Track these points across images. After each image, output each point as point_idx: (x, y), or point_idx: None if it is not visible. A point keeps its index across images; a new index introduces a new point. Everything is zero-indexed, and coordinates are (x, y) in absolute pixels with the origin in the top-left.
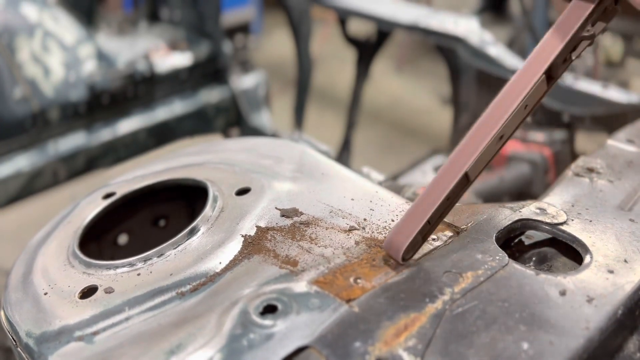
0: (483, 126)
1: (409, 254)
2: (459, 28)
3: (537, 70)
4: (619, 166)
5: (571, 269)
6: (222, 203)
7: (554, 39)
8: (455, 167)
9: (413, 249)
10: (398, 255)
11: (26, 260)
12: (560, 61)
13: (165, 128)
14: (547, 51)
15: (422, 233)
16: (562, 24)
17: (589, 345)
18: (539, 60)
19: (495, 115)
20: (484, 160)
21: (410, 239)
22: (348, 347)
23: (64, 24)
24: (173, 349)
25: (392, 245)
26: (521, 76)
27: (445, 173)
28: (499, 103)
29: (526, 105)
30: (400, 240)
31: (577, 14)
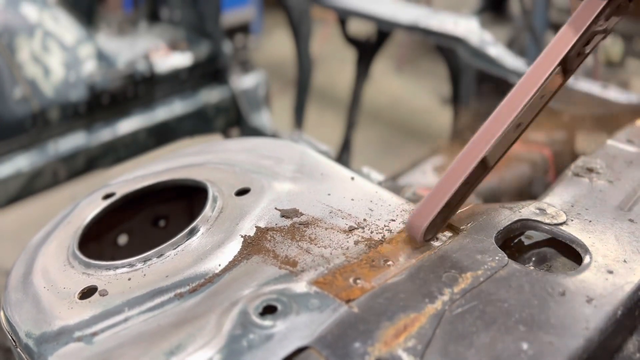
0: (501, 113)
1: (429, 235)
2: (459, 28)
3: (552, 61)
4: (618, 166)
5: (571, 269)
6: (222, 203)
7: (568, 32)
8: (473, 152)
9: (433, 230)
10: (418, 235)
11: (26, 260)
12: (575, 54)
13: (165, 128)
14: (562, 44)
15: (442, 215)
16: (577, 18)
17: (589, 346)
18: (554, 52)
19: (513, 103)
20: (502, 147)
21: (430, 219)
22: (348, 348)
23: (64, 24)
24: (173, 350)
25: (413, 226)
26: (537, 67)
27: (464, 158)
28: (516, 92)
29: (542, 96)
30: (421, 220)
31: (591, 9)
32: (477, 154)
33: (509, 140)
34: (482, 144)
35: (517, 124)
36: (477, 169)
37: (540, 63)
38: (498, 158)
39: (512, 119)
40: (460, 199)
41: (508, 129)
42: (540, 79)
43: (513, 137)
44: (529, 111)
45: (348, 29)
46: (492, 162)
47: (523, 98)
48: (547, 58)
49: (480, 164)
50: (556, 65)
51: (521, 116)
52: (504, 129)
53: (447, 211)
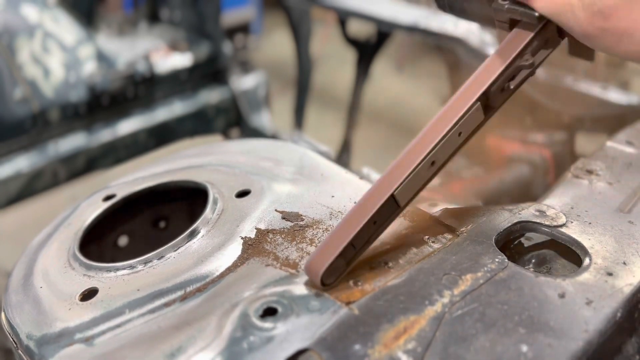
0: (414, 149)
1: (329, 279)
2: (459, 29)
3: (470, 97)
4: (618, 168)
5: (570, 271)
6: (222, 205)
7: (492, 66)
8: (381, 189)
9: (334, 273)
10: (317, 279)
11: (27, 262)
12: (498, 90)
13: (166, 129)
14: (484, 78)
15: (346, 258)
16: (502, 51)
17: (588, 348)
18: (474, 87)
19: (426, 139)
20: (414, 185)
21: (329, 262)
22: (348, 350)
23: (64, 24)
24: (173, 352)
25: (311, 269)
26: (455, 102)
27: (371, 195)
28: (431, 127)
29: (460, 132)
30: (319, 264)
31: (516, 43)
32: (386, 192)
33: (423, 178)
34: (391, 181)
35: (431, 161)
36: (386, 206)
37: (458, 98)
38: (411, 197)
39: (424, 156)
40: (368, 239)
41: (420, 166)
42: (456, 116)
43: (427, 175)
44: (444, 148)
45: (348, 29)
46: (403, 201)
47: (437, 134)
48: (466, 92)
49: (389, 201)
50: (475, 100)
51: (435, 153)
52: (415, 166)
53: (352, 253)
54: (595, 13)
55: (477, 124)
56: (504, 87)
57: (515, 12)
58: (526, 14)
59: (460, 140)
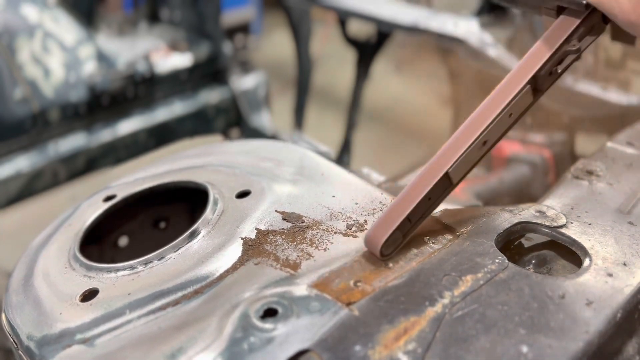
0: (466, 130)
1: (388, 250)
2: (459, 29)
3: (521, 79)
4: (618, 169)
5: (570, 271)
6: (223, 206)
7: (540, 51)
8: (436, 166)
9: (392, 245)
10: (376, 250)
11: (27, 262)
12: (546, 73)
13: (166, 129)
14: (533, 62)
15: (403, 231)
16: (549, 37)
17: (588, 349)
18: (524, 71)
19: (479, 120)
20: (467, 164)
21: (388, 234)
22: (348, 351)
23: (64, 24)
24: (174, 352)
25: (371, 240)
26: (506, 84)
27: (427, 172)
28: (483, 109)
29: (510, 114)
30: (379, 235)
31: (564, 29)
32: (440, 169)
33: (475, 157)
34: (445, 159)
35: (483, 141)
36: (440, 184)
37: (509, 80)
38: (463, 175)
39: (477, 136)
40: (423, 214)
41: (473, 145)
42: (508, 97)
43: (479, 154)
44: (495, 129)
45: (348, 29)
46: (456, 179)
47: (490, 115)
48: (516, 76)
49: (444, 179)
50: (525, 83)
51: (487, 133)
52: (469, 146)
53: (408, 226)
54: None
55: (527, 105)
56: (552, 71)
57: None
58: (574, 2)
59: (510, 121)
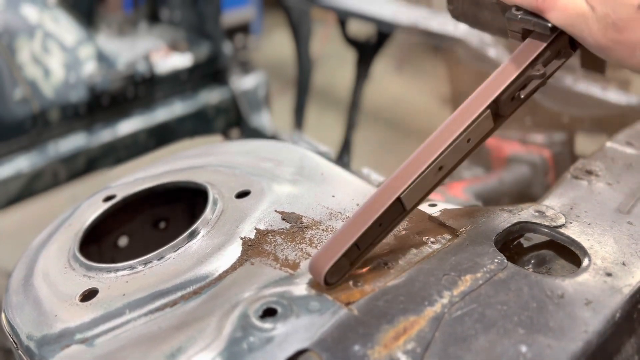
0: (421, 154)
1: (332, 278)
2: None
3: (480, 104)
4: (617, 169)
5: (569, 271)
6: (222, 206)
7: (503, 75)
8: (388, 191)
9: (338, 273)
10: (320, 278)
11: (27, 262)
12: (508, 98)
13: (166, 129)
14: (494, 86)
15: (350, 258)
16: (513, 61)
17: (587, 349)
18: (485, 94)
19: (435, 144)
20: (421, 189)
21: (333, 261)
22: (347, 351)
23: (64, 24)
24: (174, 352)
25: (315, 267)
26: (465, 108)
27: (378, 197)
28: (440, 133)
29: (469, 139)
30: (323, 262)
31: (529, 53)
32: (392, 194)
33: (430, 183)
34: (398, 184)
35: (439, 166)
36: (392, 209)
37: (469, 105)
38: (418, 201)
39: (432, 161)
40: (373, 240)
41: (428, 170)
42: (466, 122)
43: (434, 180)
44: (452, 154)
45: (348, 30)
46: (409, 205)
47: (446, 140)
48: (477, 99)
49: (395, 204)
50: (485, 107)
51: (443, 158)
52: (423, 171)
53: (356, 253)
54: (609, 25)
55: (487, 131)
56: (515, 96)
57: (528, 22)
58: (539, 24)
59: (469, 146)
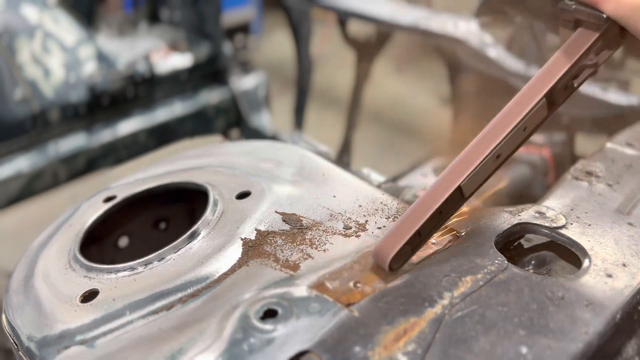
0: (480, 143)
1: (396, 264)
2: (459, 30)
3: (537, 93)
4: (618, 170)
5: (570, 272)
6: (223, 207)
7: (557, 64)
8: (448, 180)
9: (401, 259)
10: (385, 264)
11: (27, 263)
12: (562, 87)
13: (166, 129)
14: (549, 76)
15: (412, 244)
16: (567, 50)
17: (588, 350)
18: (540, 84)
19: (493, 133)
20: (480, 177)
21: (398, 248)
22: (348, 352)
23: (64, 25)
24: (174, 353)
25: (380, 254)
26: (521, 98)
27: (439, 185)
28: (497, 122)
29: (525, 127)
30: (388, 249)
31: (582, 42)
32: (453, 183)
33: (488, 171)
34: (458, 173)
35: (497, 154)
36: (452, 198)
37: (525, 94)
38: (475, 188)
39: (491, 150)
40: (433, 228)
41: (487, 159)
42: (523, 111)
43: (492, 167)
44: (509, 142)
45: (348, 30)
46: (468, 192)
47: (504, 129)
48: (532, 89)
49: (456, 192)
50: (541, 97)
51: (501, 147)
52: (482, 159)
53: (418, 240)
54: None
55: (541, 119)
56: (568, 85)
57: (582, 12)
58: (594, 15)
59: (525, 134)
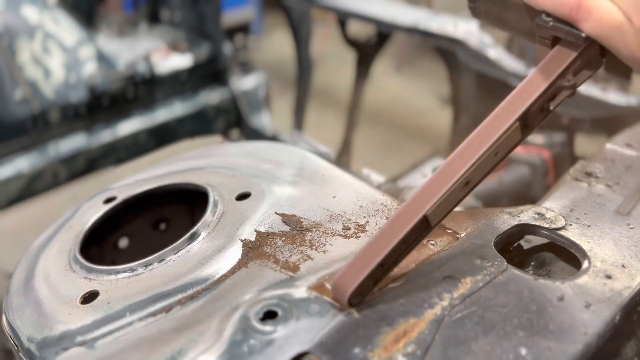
0: (447, 169)
1: (356, 299)
2: (459, 30)
3: (509, 117)
4: (617, 170)
5: (569, 273)
6: (223, 208)
7: (532, 85)
8: (413, 208)
9: (362, 293)
10: (344, 298)
11: (28, 264)
12: (537, 110)
13: (166, 129)
14: (523, 98)
15: (374, 277)
16: (542, 70)
17: (587, 351)
18: (513, 107)
19: (462, 159)
20: (447, 205)
21: (358, 282)
22: (348, 353)
23: (65, 25)
24: (174, 355)
25: (338, 287)
26: (493, 121)
27: (402, 214)
28: (466, 147)
29: (496, 153)
30: (347, 282)
31: (559, 62)
32: (418, 211)
33: (456, 199)
34: (424, 201)
35: (466, 182)
36: (417, 227)
37: (497, 116)
38: (442, 216)
39: (459, 177)
40: (397, 258)
41: (454, 186)
42: (495, 135)
43: (460, 195)
44: (479, 168)
45: (348, 30)
46: (434, 221)
47: (474, 154)
48: (505, 112)
49: (421, 222)
50: (514, 120)
51: (470, 173)
52: (450, 187)
53: (380, 272)
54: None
55: (515, 143)
56: (544, 107)
57: (560, 30)
58: (572, 33)
59: (496, 160)
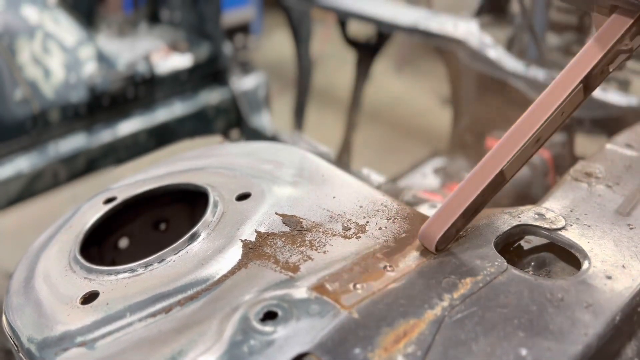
0: (521, 128)
1: (442, 245)
2: (459, 30)
3: (574, 79)
4: (617, 171)
5: (570, 274)
6: (223, 208)
7: (592, 50)
8: (491, 164)
9: (446, 240)
10: (431, 245)
11: (28, 264)
12: (598, 72)
13: (166, 129)
14: (585, 62)
15: (456, 226)
16: (602, 36)
17: (587, 351)
18: (577, 70)
19: (533, 118)
20: (521, 161)
21: (444, 230)
22: (348, 354)
23: (65, 25)
24: (174, 355)
25: (426, 235)
26: (559, 84)
27: (481, 170)
28: (536, 107)
29: (563, 112)
30: (434, 231)
31: (617, 28)
32: (496, 167)
33: (528, 154)
34: (501, 157)
35: (537, 138)
36: (494, 181)
37: (562, 79)
38: (515, 171)
39: (532, 134)
40: (475, 210)
41: (527, 143)
42: (561, 96)
43: (532, 151)
44: (548, 126)
45: (348, 30)
46: (509, 175)
47: (544, 114)
48: (569, 74)
49: (498, 176)
50: (578, 82)
51: (541, 131)
52: (524, 143)
53: (462, 222)
54: None
55: (577, 103)
56: (603, 70)
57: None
58: (629, 1)
59: (562, 118)
